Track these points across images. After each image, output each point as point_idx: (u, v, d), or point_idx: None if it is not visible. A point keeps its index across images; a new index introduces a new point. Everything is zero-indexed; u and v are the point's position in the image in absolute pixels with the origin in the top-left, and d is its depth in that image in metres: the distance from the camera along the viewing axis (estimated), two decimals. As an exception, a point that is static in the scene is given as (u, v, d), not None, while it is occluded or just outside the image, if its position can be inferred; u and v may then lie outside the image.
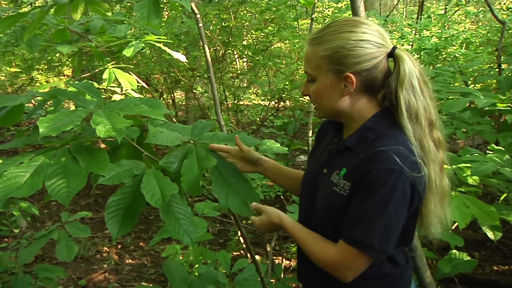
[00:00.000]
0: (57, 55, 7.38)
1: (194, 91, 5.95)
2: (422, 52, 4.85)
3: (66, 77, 8.75)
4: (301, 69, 5.65)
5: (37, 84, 8.87)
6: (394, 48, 1.24)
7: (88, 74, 3.86)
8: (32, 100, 1.58)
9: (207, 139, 1.57)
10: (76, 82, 1.78)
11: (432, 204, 1.22)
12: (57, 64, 8.31)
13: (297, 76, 5.78)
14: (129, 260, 4.07)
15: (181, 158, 1.42)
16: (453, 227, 2.38)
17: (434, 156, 1.21)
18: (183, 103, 7.94)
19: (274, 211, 1.37)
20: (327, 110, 1.29)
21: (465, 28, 7.87)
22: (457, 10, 8.27)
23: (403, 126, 1.20)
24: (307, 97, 1.35)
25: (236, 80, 6.32)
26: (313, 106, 1.36)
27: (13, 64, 9.40)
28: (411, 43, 5.54)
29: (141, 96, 2.75)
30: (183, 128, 1.65)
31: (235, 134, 1.60)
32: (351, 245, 1.17)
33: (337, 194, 1.23)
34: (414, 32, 5.93)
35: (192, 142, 1.52)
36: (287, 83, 5.42)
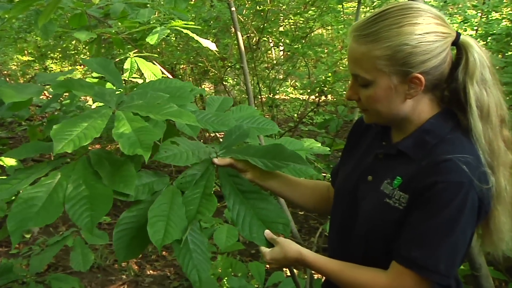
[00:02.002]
0: (73, 42, 7.55)
1: (224, 83, 5.98)
2: (489, 38, 4.71)
3: (82, 67, 8.95)
4: (345, 59, 5.61)
5: (52, 75, 9.10)
6: (459, 34, 1.19)
7: (107, 63, 3.93)
8: (45, 92, 1.58)
9: (237, 153, 1.45)
10: (90, 59, 1.74)
11: (502, 215, 1.18)
12: (73, 52, 8.51)
13: (340, 67, 5.73)
14: (150, 271, 4.12)
15: (198, 179, 1.36)
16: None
17: (504, 158, 1.17)
18: (212, 97, 7.99)
19: (291, 245, 1.29)
20: (384, 116, 1.23)
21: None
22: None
23: (472, 127, 1.16)
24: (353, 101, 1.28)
25: (271, 71, 6.32)
26: (362, 110, 1.28)
27: (26, 52, 9.68)
28: (475, 28, 5.38)
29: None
30: (216, 116, 1.58)
31: (275, 143, 1.54)
32: (411, 268, 1.13)
33: (390, 207, 1.19)
34: (479, 14, 5.76)
35: (216, 155, 1.43)
36: (329, 74, 5.38)
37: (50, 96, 2.04)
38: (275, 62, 6.74)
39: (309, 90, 5.85)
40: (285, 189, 1.53)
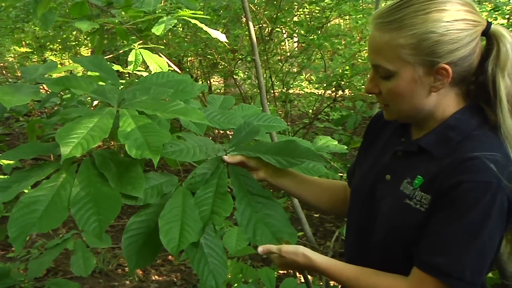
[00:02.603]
0: (74, 33, 7.59)
1: (234, 76, 5.98)
2: (523, 27, 4.66)
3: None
4: (364, 51, 5.58)
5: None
6: (489, 24, 1.17)
7: (111, 55, 3.94)
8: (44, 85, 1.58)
9: (247, 150, 1.45)
10: (81, 57, 1.74)
11: None
12: (74, 43, 8.55)
13: (359, 60, 5.71)
14: (156, 277, 4.13)
15: (208, 178, 1.36)
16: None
17: None
18: (222, 91, 8.00)
19: (296, 249, 1.27)
20: (406, 111, 1.22)
21: None
22: None
23: (501, 123, 1.14)
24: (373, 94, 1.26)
25: (285, 64, 6.30)
26: (382, 105, 1.27)
27: (23, 43, 9.75)
28: (507, 16, 5.32)
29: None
30: (222, 114, 1.58)
31: (288, 139, 1.53)
32: (434, 275, 1.11)
33: (411, 208, 1.18)
34: (512, 1, 5.70)
35: (226, 153, 1.43)
36: (346, 68, 5.35)
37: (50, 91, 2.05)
38: (289, 54, 6.72)
39: (325, 84, 5.82)
40: (299, 188, 1.53)
